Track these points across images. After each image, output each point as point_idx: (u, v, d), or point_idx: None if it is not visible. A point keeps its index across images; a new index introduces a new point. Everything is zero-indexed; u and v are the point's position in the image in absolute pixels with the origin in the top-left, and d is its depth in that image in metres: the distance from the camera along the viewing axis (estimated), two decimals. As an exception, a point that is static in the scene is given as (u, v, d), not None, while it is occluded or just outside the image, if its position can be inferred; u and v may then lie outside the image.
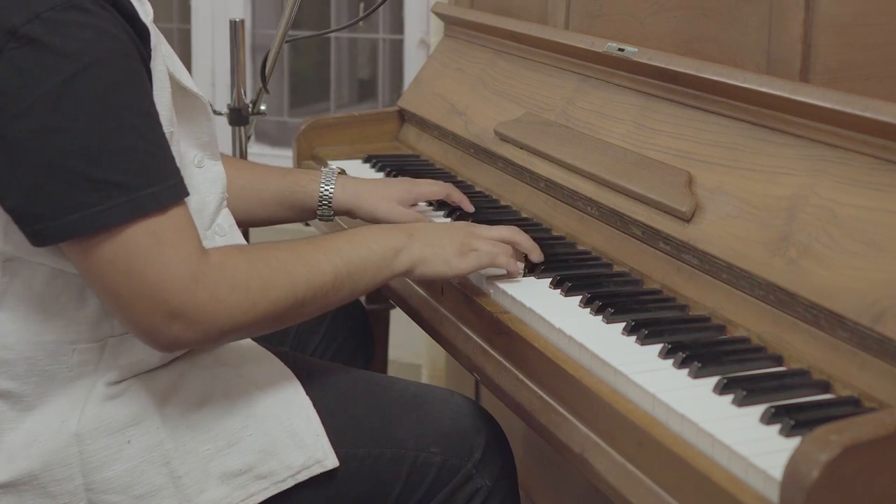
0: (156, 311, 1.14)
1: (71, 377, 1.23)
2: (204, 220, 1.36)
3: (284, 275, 1.22)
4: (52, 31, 1.09)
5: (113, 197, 1.11)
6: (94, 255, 1.13)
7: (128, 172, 1.12)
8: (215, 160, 1.39)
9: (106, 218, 1.11)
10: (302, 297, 1.24)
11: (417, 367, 2.99)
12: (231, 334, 1.22)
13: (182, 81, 1.30)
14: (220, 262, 1.18)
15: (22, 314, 1.22)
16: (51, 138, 1.10)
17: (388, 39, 3.59)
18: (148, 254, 1.13)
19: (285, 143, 3.66)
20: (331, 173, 1.65)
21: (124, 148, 1.12)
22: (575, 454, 1.16)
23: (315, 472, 1.30)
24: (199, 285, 1.15)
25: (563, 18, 1.86)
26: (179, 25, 3.80)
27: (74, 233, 1.12)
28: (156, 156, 1.15)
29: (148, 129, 1.15)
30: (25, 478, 1.22)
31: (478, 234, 1.39)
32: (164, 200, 1.14)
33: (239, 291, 1.18)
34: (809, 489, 0.86)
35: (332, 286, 1.26)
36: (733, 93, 1.38)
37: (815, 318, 1.15)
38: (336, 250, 1.28)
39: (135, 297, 1.14)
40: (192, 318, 1.15)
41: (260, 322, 1.22)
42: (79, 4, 1.11)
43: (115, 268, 1.13)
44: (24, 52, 1.09)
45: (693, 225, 1.35)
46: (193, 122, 1.35)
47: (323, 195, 1.63)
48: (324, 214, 1.65)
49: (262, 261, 1.22)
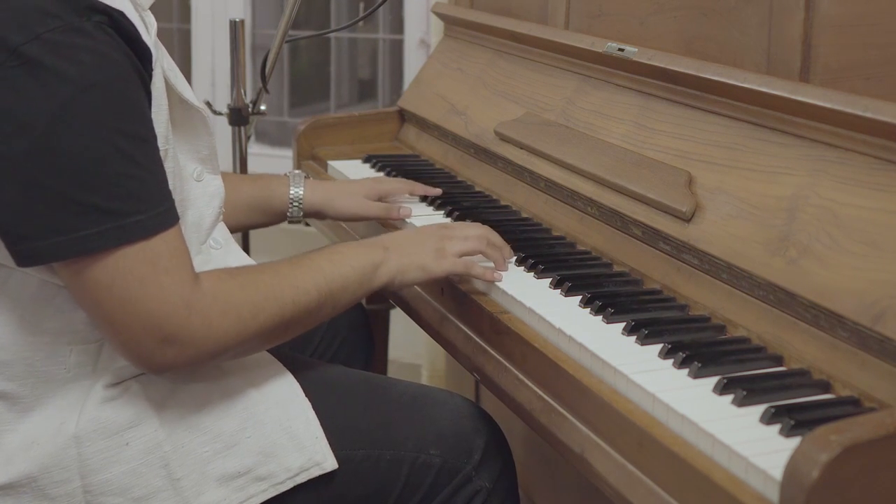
0: (148, 337, 1.15)
1: (68, 378, 1.23)
2: (200, 235, 1.36)
3: (272, 298, 1.24)
4: (52, 52, 1.09)
5: (99, 222, 1.11)
6: (85, 278, 1.13)
7: (116, 198, 1.12)
8: (215, 174, 1.39)
9: (90, 243, 1.11)
10: (289, 318, 1.26)
11: (417, 367, 2.99)
12: (222, 356, 1.23)
13: (183, 94, 1.30)
14: (212, 287, 1.19)
15: (17, 315, 1.22)
16: (42, 159, 1.10)
17: (388, 39, 3.59)
18: (141, 280, 1.13)
19: (285, 143, 3.65)
20: (298, 176, 1.71)
21: (115, 173, 1.12)
22: (575, 454, 1.16)
23: (314, 474, 1.30)
24: (192, 311, 1.16)
25: (563, 18, 1.86)
26: (179, 25, 3.80)
27: (57, 256, 1.12)
28: (147, 182, 1.15)
29: (141, 154, 1.15)
30: (24, 480, 1.22)
31: (451, 234, 1.42)
32: (151, 228, 1.14)
33: (230, 316, 1.19)
34: (809, 489, 0.86)
35: (317, 305, 1.29)
36: (733, 93, 1.38)
37: (815, 318, 1.15)
38: (318, 270, 1.30)
39: (128, 323, 1.14)
40: (185, 343, 1.17)
41: (249, 344, 1.24)
42: (79, 27, 1.10)
43: (110, 293, 1.13)
44: (21, 72, 1.09)
45: (693, 225, 1.35)
46: (193, 135, 1.35)
47: (293, 198, 1.69)
48: (294, 216, 1.70)
49: (251, 285, 1.23)
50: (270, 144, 3.72)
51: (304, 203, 1.69)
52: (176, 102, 1.29)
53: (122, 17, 1.14)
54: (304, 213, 1.70)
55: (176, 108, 1.29)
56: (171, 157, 1.24)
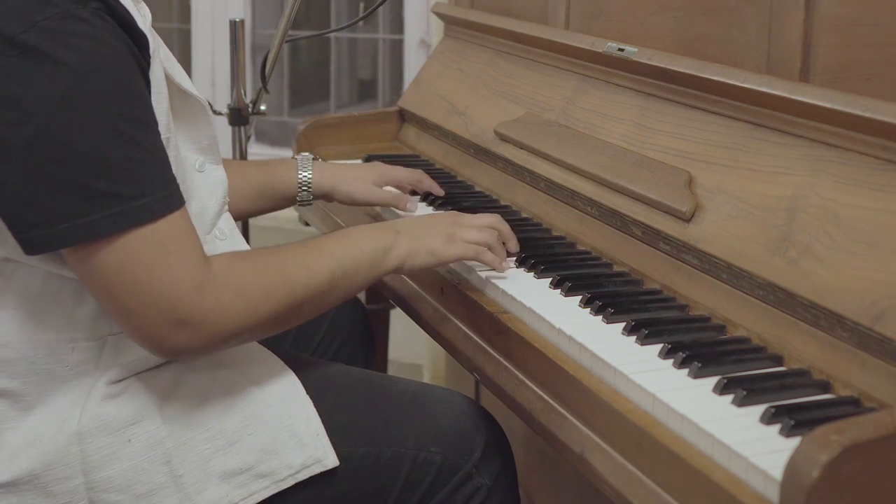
0: (162, 320, 1.15)
1: (71, 376, 1.24)
2: (205, 225, 1.36)
3: (284, 279, 1.24)
4: (50, 39, 1.09)
5: (105, 207, 1.11)
6: (95, 264, 1.13)
7: (121, 182, 1.12)
8: (216, 164, 1.39)
9: (98, 228, 1.11)
10: (301, 300, 1.25)
11: (417, 367, 2.99)
12: (234, 339, 1.23)
13: (181, 84, 1.30)
14: (223, 268, 1.19)
15: (20, 313, 1.22)
16: (45, 147, 1.10)
17: (388, 39, 3.59)
18: (152, 263, 1.13)
19: (285, 143, 3.65)
20: (306, 159, 1.70)
21: (119, 158, 1.12)
22: (575, 454, 1.16)
23: (315, 471, 1.30)
24: (204, 293, 1.16)
25: (563, 18, 1.86)
26: (179, 25, 3.80)
27: (65, 242, 1.12)
28: (150, 165, 1.15)
29: (143, 138, 1.15)
30: (26, 477, 1.22)
31: (462, 222, 1.42)
32: (158, 211, 1.14)
33: (242, 297, 1.19)
34: (809, 489, 0.86)
35: (328, 288, 1.28)
36: (733, 93, 1.38)
37: (815, 318, 1.15)
38: (329, 252, 1.30)
39: (140, 306, 1.14)
40: (198, 326, 1.16)
41: (262, 326, 1.24)
42: (76, 14, 1.11)
43: (121, 278, 1.13)
44: (20, 61, 1.09)
45: (693, 225, 1.35)
46: (193, 125, 1.35)
47: (302, 181, 1.67)
48: (303, 199, 1.69)
49: (262, 266, 1.23)
50: (270, 144, 3.72)
51: (312, 186, 1.68)
52: (175, 92, 1.29)
53: (117, 4, 1.15)
54: (313, 197, 1.69)
55: (175, 98, 1.29)
56: (172, 146, 1.25)
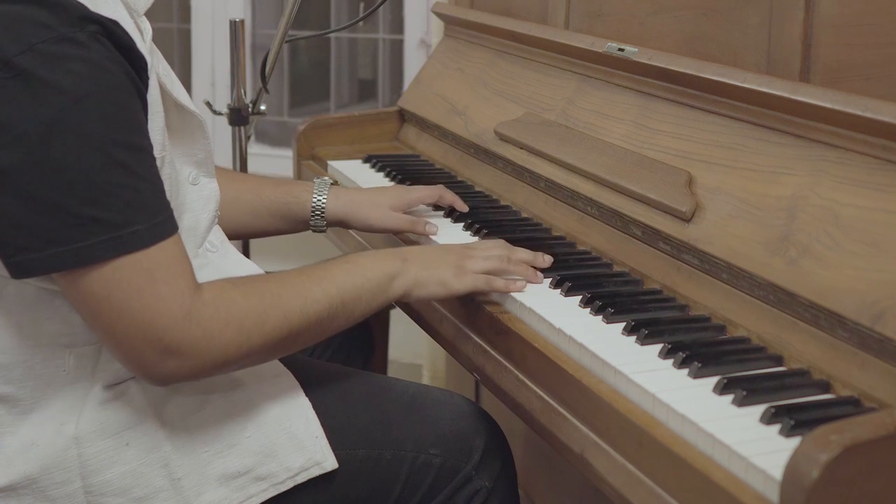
0: (149, 348, 1.14)
1: (68, 380, 1.23)
2: (196, 238, 1.35)
3: (278, 307, 1.22)
4: (46, 63, 1.08)
5: (95, 234, 1.10)
6: (83, 290, 1.12)
7: (112, 209, 1.11)
8: (210, 177, 1.38)
9: (87, 254, 1.10)
10: (297, 329, 1.23)
11: (417, 367, 2.99)
12: (226, 367, 1.21)
13: (178, 99, 1.29)
14: (214, 297, 1.18)
15: (16, 319, 1.21)
16: (37, 171, 1.09)
17: (388, 39, 3.59)
18: (140, 290, 1.12)
19: (285, 143, 3.65)
20: (323, 184, 1.64)
21: (110, 184, 1.11)
22: (575, 454, 1.16)
23: (314, 473, 1.30)
24: (193, 322, 1.15)
25: (563, 18, 1.86)
26: (179, 25, 3.80)
27: (53, 267, 1.11)
28: (143, 192, 1.14)
29: (137, 163, 1.14)
30: (24, 482, 1.22)
31: (472, 254, 1.38)
32: (149, 238, 1.13)
33: (233, 327, 1.18)
34: (809, 489, 0.86)
35: (327, 315, 1.26)
36: (733, 93, 1.38)
37: (815, 318, 1.15)
38: (331, 279, 1.27)
39: (128, 333, 1.13)
40: (187, 355, 1.15)
41: (256, 354, 1.22)
42: (73, 37, 1.09)
43: (109, 304, 1.12)
44: (15, 83, 1.08)
45: (693, 225, 1.34)
46: (189, 139, 1.34)
47: (316, 206, 1.62)
48: (317, 225, 1.63)
49: (255, 294, 1.21)
50: (270, 144, 3.71)
51: (326, 212, 1.62)
52: (171, 107, 1.28)
53: (116, 27, 1.13)
54: (326, 223, 1.64)
55: (171, 113, 1.28)
56: (167, 164, 1.24)
